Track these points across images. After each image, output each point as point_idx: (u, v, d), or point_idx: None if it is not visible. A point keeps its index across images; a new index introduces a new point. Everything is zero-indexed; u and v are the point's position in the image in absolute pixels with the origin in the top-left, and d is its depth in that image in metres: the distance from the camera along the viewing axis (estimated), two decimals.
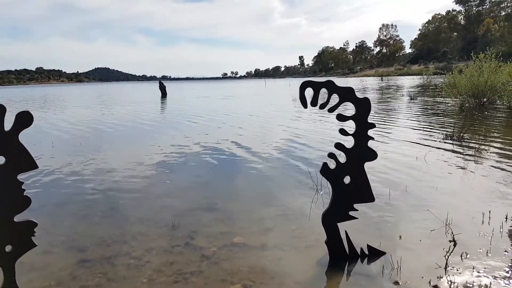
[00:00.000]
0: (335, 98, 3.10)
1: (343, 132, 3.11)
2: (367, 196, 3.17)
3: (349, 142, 3.16)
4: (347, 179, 3.16)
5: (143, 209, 4.73)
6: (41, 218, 4.47)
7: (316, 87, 3.02)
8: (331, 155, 3.10)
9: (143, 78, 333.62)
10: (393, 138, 9.13)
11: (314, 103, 3.05)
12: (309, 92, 3.04)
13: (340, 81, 74.64)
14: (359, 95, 3.09)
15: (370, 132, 3.14)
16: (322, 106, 3.07)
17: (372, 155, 3.13)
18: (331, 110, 3.09)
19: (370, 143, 3.14)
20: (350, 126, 3.19)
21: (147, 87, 76.39)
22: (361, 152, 3.12)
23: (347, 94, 3.05)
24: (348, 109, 3.06)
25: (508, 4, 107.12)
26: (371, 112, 3.10)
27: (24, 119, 2.61)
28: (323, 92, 3.03)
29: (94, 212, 4.72)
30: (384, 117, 13.72)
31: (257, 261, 3.28)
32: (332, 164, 3.15)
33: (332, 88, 3.03)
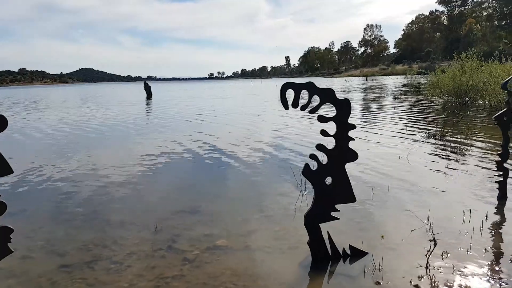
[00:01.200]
0: (316, 99, 3.10)
1: (324, 133, 3.11)
2: (349, 196, 3.18)
3: (330, 143, 3.17)
4: (328, 180, 3.16)
5: (125, 212, 4.67)
6: (21, 223, 4.39)
7: (297, 88, 3.01)
8: (313, 156, 3.10)
9: (128, 78, 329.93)
10: (377, 137, 9.22)
11: (295, 104, 3.04)
12: (290, 94, 3.04)
13: (325, 81, 75.48)
14: (343, 95, 3.10)
15: (351, 133, 3.15)
16: (303, 108, 3.06)
17: (353, 156, 3.14)
18: (312, 111, 3.09)
19: (351, 144, 3.15)
20: (332, 127, 3.19)
21: (132, 87, 75.64)
22: (342, 153, 3.13)
23: (327, 96, 3.06)
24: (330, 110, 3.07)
25: (489, 5, 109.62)
26: (355, 112, 3.13)
27: None
28: (304, 93, 3.03)
29: (75, 216, 4.63)
30: (368, 117, 13.84)
31: (240, 264, 3.26)
32: (314, 165, 3.15)
33: (312, 89, 3.03)
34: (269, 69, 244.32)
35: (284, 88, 3.02)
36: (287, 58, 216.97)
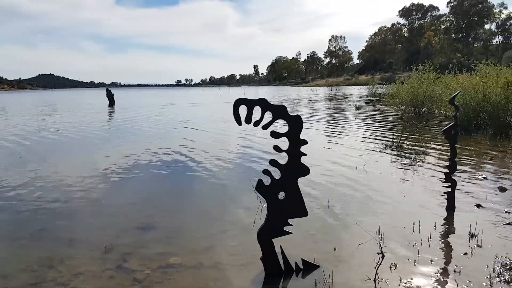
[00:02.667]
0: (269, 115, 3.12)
1: (276, 148, 3.13)
2: (301, 211, 3.21)
3: (283, 158, 3.19)
4: (281, 195, 3.18)
5: (75, 229, 4.48)
6: None
7: (250, 104, 3.02)
8: (266, 172, 3.11)
9: (91, 84, 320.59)
10: (336, 148, 9.41)
11: (248, 120, 3.05)
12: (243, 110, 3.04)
13: (293, 90, 76.47)
14: (309, 105, 3.13)
15: (303, 148, 3.18)
16: (256, 124, 3.07)
17: (304, 170, 3.18)
18: (265, 127, 3.10)
19: (304, 158, 3.18)
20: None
21: (94, 94, 73.55)
22: (294, 168, 3.15)
23: (279, 112, 3.08)
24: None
25: (447, 18, 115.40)
26: (318, 123, 3.16)
27: None
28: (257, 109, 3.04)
29: (21, 234, 4.39)
30: (330, 127, 14.13)
31: (192, 283, 3.19)
32: (268, 181, 3.16)
33: (265, 105, 3.05)
34: (238, 77, 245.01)
35: (237, 104, 3.02)
36: (255, 66, 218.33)
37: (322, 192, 5.58)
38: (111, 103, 31.58)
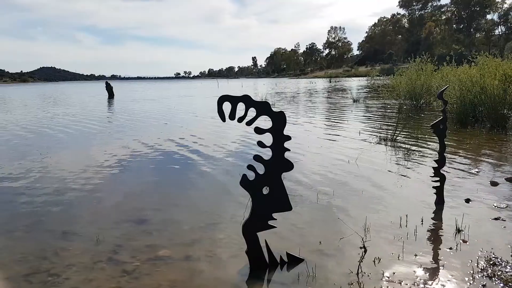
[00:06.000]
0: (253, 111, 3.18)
1: (260, 144, 3.19)
2: (285, 205, 3.28)
3: (267, 154, 3.25)
4: (265, 190, 3.25)
5: (69, 222, 4.56)
6: None
7: (234, 101, 3.08)
8: (250, 167, 3.18)
9: (92, 77, 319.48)
10: (329, 141, 9.47)
11: (232, 116, 3.11)
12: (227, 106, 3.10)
13: (292, 82, 76.13)
14: (307, 98, 3.18)
15: (288, 144, 3.24)
16: (240, 120, 3.13)
17: (288, 166, 3.24)
18: (249, 123, 3.16)
19: (287, 154, 3.24)
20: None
21: (94, 86, 73.50)
22: (278, 163, 3.22)
23: (263, 108, 3.14)
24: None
25: (448, 9, 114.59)
26: (314, 115, 3.20)
27: None
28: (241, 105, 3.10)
29: (16, 226, 4.49)
30: (325, 120, 14.18)
31: (179, 274, 3.28)
32: (252, 175, 3.22)
33: (249, 102, 3.10)
34: (236, 69, 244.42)
35: (221, 101, 3.08)
36: (254, 58, 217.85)
37: (311, 186, 5.65)
38: (111, 95, 31.61)
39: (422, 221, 4.27)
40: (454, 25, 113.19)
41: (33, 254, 3.74)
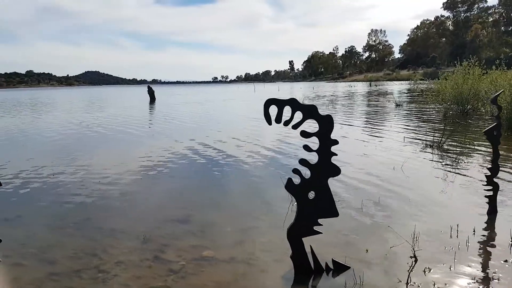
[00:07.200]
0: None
1: (306, 148, 3.16)
2: (331, 211, 3.22)
3: (313, 158, 3.21)
4: (311, 195, 3.21)
5: (117, 220, 4.73)
6: (15, 230, 4.49)
7: (280, 104, 3.07)
8: (296, 171, 3.15)
9: (134, 81, 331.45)
10: (373, 146, 9.22)
11: (278, 120, 3.10)
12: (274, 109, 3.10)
13: (329, 86, 75.20)
14: (346, 101, 3.14)
15: (335, 148, 3.19)
16: (286, 123, 3.11)
17: (335, 171, 3.18)
18: (295, 127, 3.14)
19: (334, 159, 3.19)
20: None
21: (136, 90, 76.08)
22: (325, 168, 3.17)
23: (310, 112, 3.10)
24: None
25: (496, 10, 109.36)
26: (355, 119, 3.16)
27: None
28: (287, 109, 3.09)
29: (68, 223, 4.70)
30: (367, 125, 13.86)
31: (224, 276, 3.30)
32: (297, 179, 3.20)
33: (295, 105, 3.08)
34: (272, 73, 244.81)
35: (267, 104, 3.08)
36: (290, 62, 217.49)
37: (356, 192, 5.53)
38: (152, 99, 32.55)
39: (474, 231, 4.07)
40: (502, 27, 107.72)
41: (83, 250, 3.89)
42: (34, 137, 12.50)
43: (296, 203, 3.25)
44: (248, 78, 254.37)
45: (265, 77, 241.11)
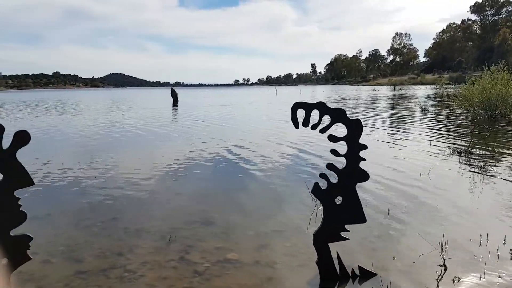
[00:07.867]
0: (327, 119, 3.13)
1: (334, 152, 3.13)
2: (359, 217, 3.17)
3: (341, 162, 3.18)
4: (338, 200, 3.17)
5: (142, 220, 4.80)
6: (44, 227, 4.62)
7: (308, 108, 3.05)
8: (323, 176, 3.13)
9: (157, 84, 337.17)
10: (399, 152, 9.05)
11: (306, 123, 3.09)
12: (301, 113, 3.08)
13: (352, 89, 74.44)
14: (369, 105, 3.11)
15: (363, 153, 3.15)
16: (314, 127, 3.09)
17: (363, 176, 3.13)
18: (322, 130, 3.12)
19: (363, 164, 3.15)
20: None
21: (159, 92, 77.26)
22: (353, 173, 3.13)
23: (338, 116, 3.08)
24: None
25: None
26: (380, 124, 3.12)
27: (22, 138, 2.71)
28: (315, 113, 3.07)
29: (95, 222, 4.80)
30: (393, 129, 13.62)
31: (249, 279, 3.30)
32: (324, 184, 3.17)
33: (323, 109, 3.06)
34: (294, 76, 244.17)
35: (294, 108, 3.07)
36: (313, 65, 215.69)
37: (382, 198, 5.43)
38: (175, 102, 32.96)
39: (504, 240, 3.93)
40: None
41: (110, 250, 3.97)
42: (71, 136, 12.92)
43: (321, 208, 3.22)
44: (270, 81, 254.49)
45: (286, 80, 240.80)
